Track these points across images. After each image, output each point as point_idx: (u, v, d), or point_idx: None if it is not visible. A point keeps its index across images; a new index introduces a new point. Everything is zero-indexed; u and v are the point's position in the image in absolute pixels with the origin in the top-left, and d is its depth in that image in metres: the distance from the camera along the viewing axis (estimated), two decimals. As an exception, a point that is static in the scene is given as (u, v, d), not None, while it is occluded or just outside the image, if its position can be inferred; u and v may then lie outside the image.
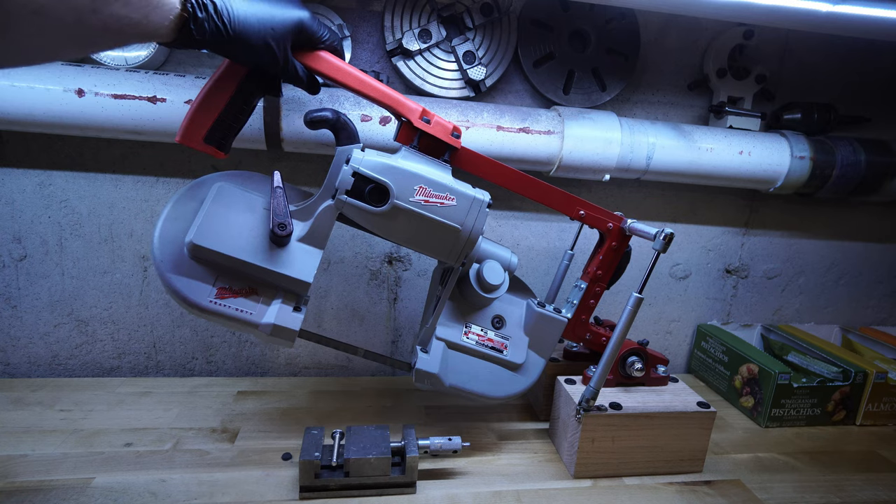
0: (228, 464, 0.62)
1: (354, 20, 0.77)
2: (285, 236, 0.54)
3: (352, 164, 0.54)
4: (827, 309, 1.05)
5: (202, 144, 0.54)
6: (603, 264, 0.68)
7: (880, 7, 0.63)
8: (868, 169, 0.85)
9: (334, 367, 0.91)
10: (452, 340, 0.63)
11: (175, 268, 0.53)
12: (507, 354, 0.65)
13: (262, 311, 0.55)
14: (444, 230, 0.57)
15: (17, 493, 0.55)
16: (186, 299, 0.53)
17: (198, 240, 0.52)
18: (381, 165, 0.55)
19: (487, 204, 0.58)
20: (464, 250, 0.59)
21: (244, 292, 0.55)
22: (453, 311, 0.64)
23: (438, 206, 0.56)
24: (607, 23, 0.81)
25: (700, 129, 0.83)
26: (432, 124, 0.57)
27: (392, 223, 0.57)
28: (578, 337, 0.71)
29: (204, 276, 0.54)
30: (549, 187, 0.65)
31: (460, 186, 0.57)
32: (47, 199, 0.77)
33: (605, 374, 0.60)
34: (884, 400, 0.82)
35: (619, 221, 0.67)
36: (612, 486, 0.63)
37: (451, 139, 0.59)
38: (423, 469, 0.63)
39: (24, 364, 0.82)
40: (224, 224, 0.54)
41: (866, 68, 0.93)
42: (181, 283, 0.53)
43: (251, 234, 0.55)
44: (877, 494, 0.66)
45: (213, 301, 0.53)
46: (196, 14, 0.43)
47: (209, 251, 0.53)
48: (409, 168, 0.56)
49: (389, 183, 0.55)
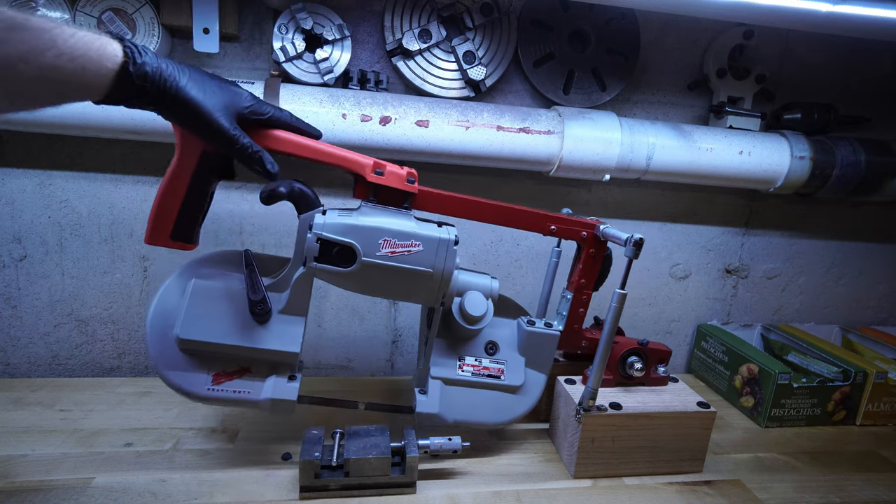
0: (228, 464, 0.62)
1: (354, 20, 0.77)
2: (265, 313, 0.56)
3: (314, 230, 0.55)
4: (827, 309, 1.05)
5: (171, 242, 0.55)
6: (584, 273, 0.68)
7: (880, 7, 0.63)
8: (868, 169, 0.85)
9: (334, 368, 0.91)
10: (448, 377, 0.64)
11: (169, 364, 0.56)
12: (505, 379, 0.65)
13: (258, 388, 0.57)
14: (416, 276, 0.58)
15: (17, 493, 0.55)
16: (185, 391, 0.56)
17: (184, 334, 0.55)
18: (343, 227, 0.55)
19: (454, 242, 0.58)
20: (440, 291, 0.60)
21: (238, 373, 0.57)
22: (444, 347, 0.65)
23: (406, 255, 0.57)
24: (607, 23, 0.81)
25: (700, 129, 0.83)
26: (386, 175, 0.57)
27: (365, 279, 0.57)
28: (574, 346, 0.71)
29: (198, 366, 0.56)
30: (515, 210, 0.65)
31: (424, 231, 0.58)
32: (47, 199, 0.77)
33: (601, 374, 0.60)
34: (884, 400, 0.82)
35: (592, 229, 0.66)
36: (612, 486, 0.63)
37: (407, 185, 0.59)
38: (423, 469, 0.62)
39: (24, 364, 0.82)
40: (205, 314, 0.56)
41: (866, 68, 0.93)
42: (178, 378, 0.56)
43: (233, 317, 0.57)
44: (877, 494, 0.66)
45: (211, 388, 0.56)
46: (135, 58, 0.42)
47: (196, 342, 0.55)
48: (371, 224, 0.56)
49: (354, 242, 0.55)
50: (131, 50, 0.42)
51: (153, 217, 0.54)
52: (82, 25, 0.68)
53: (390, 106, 0.73)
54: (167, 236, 0.54)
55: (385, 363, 0.92)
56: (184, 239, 0.55)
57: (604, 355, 0.59)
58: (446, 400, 0.63)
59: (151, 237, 0.54)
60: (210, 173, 0.54)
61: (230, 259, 0.60)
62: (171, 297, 0.57)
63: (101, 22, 0.68)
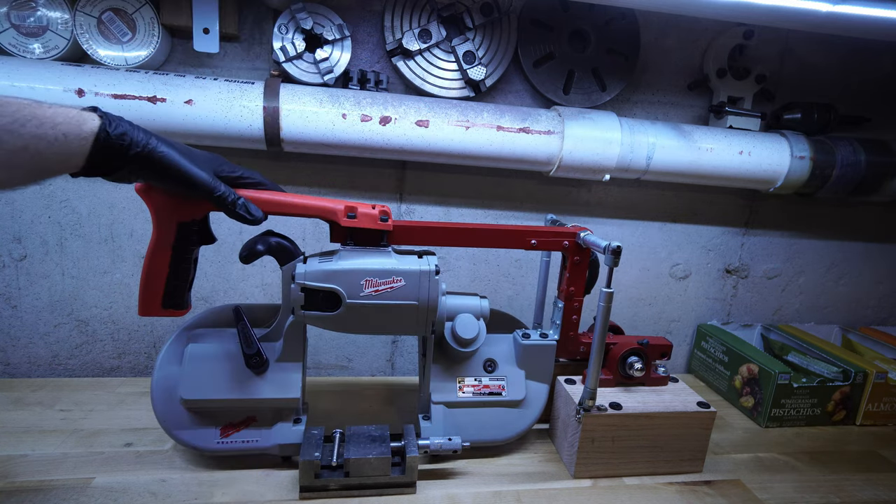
0: (228, 464, 0.62)
1: (354, 20, 0.77)
2: (261, 365, 0.58)
3: (297, 280, 0.57)
4: (827, 309, 1.05)
5: (163, 311, 0.57)
6: (572, 280, 0.68)
7: (880, 7, 0.63)
8: (868, 169, 0.85)
9: (334, 368, 0.91)
10: (450, 400, 0.65)
11: (178, 424, 0.59)
12: (507, 394, 0.66)
13: (266, 436, 0.60)
14: (402, 310, 0.59)
15: (17, 493, 0.55)
16: (197, 448, 0.59)
17: (186, 395, 0.58)
18: (323, 273, 0.57)
19: (435, 272, 0.59)
20: (428, 320, 0.61)
21: (245, 423, 0.60)
22: (442, 371, 0.66)
23: (389, 292, 0.58)
24: (607, 23, 0.81)
25: (700, 129, 0.83)
26: (358, 217, 0.58)
27: (353, 320, 0.59)
28: (572, 352, 0.71)
29: (205, 423, 0.59)
30: (492, 230, 0.65)
31: (404, 265, 0.59)
32: (47, 199, 0.77)
33: (597, 374, 0.60)
34: (884, 400, 0.82)
35: (573, 237, 0.66)
36: (612, 486, 0.63)
37: (381, 224, 0.59)
38: (423, 469, 0.63)
39: (25, 364, 0.82)
40: (205, 373, 0.58)
41: (866, 68, 0.93)
42: (188, 436, 0.59)
43: (231, 373, 0.59)
44: (877, 494, 0.66)
45: (221, 441, 0.59)
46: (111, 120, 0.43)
47: (200, 401, 0.58)
48: (350, 267, 0.57)
49: (337, 287, 0.57)
50: (106, 115, 0.43)
51: (142, 291, 0.55)
52: (82, 25, 0.68)
53: (390, 106, 0.73)
54: (158, 307, 0.56)
55: (385, 363, 0.92)
56: (174, 306, 0.57)
57: (597, 355, 0.59)
58: (451, 423, 0.64)
59: (144, 310, 0.56)
60: (189, 241, 0.55)
61: (221, 316, 0.63)
62: (170, 363, 0.59)
63: (101, 22, 0.68)
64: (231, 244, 0.82)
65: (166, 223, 0.53)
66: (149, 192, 0.52)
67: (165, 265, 0.55)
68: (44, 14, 0.67)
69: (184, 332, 0.61)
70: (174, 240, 0.54)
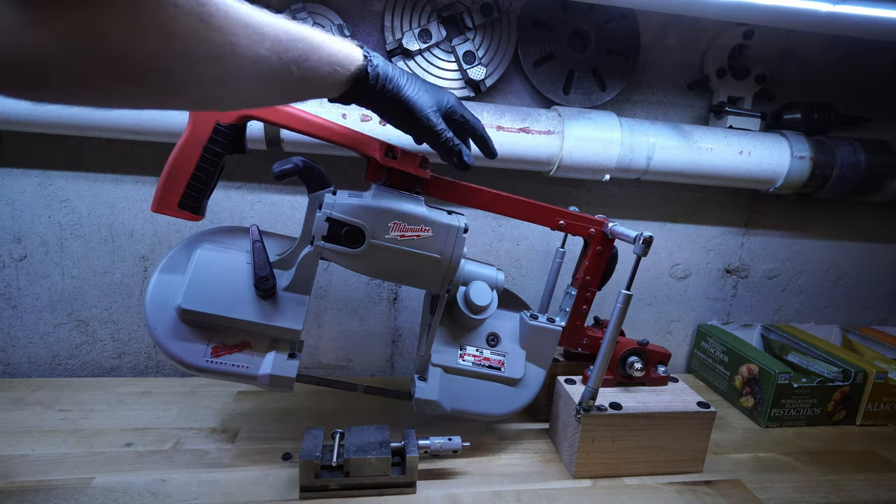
0: (228, 464, 0.62)
1: (354, 20, 0.77)
2: (269, 289, 0.56)
3: (324, 209, 0.55)
4: (827, 309, 1.05)
5: (178, 211, 0.55)
6: (590, 269, 0.68)
7: (880, 7, 0.63)
8: (868, 169, 0.85)
9: (334, 367, 0.91)
10: (449, 365, 0.64)
11: (169, 334, 0.55)
12: (506, 371, 0.65)
13: (257, 363, 0.57)
14: (424, 262, 0.58)
15: (17, 493, 0.55)
16: (183, 362, 0.55)
17: (186, 304, 0.54)
18: (352, 207, 0.56)
19: (464, 229, 0.58)
20: (446, 278, 0.59)
21: (238, 347, 0.57)
22: (446, 335, 0.65)
23: (415, 239, 0.57)
24: (607, 23, 0.81)
25: (700, 129, 0.83)
26: (398, 159, 0.58)
27: (372, 261, 0.57)
28: (575, 343, 0.71)
29: (197, 338, 0.56)
30: (525, 202, 0.65)
31: (435, 216, 0.58)
32: (47, 199, 0.77)
33: (602, 374, 0.60)
34: (884, 400, 0.82)
35: (600, 226, 0.66)
36: (612, 486, 0.63)
37: (420, 171, 0.59)
38: (423, 469, 0.62)
39: (25, 364, 0.82)
40: (209, 285, 0.56)
41: (866, 68, 0.93)
42: (177, 348, 0.55)
43: (236, 291, 0.56)
44: (877, 494, 0.66)
45: (210, 360, 0.56)
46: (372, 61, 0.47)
47: (198, 313, 0.55)
48: (381, 206, 0.56)
49: (363, 224, 0.56)
50: (368, 54, 0.47)
51: (162, 185, 0.53)
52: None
53: (390, 106, 0.73)
54: (175, 205, 0.54)
55: (385, 363, 0.92)
56: (191, 209, 0.55)
57: (606, 355, 0.59)
58: (446, 388, 0.63)
59: (159, 205, 0.54)
60: (222, 145, 0.54)
61: (237, 233, 0.60)
62: (175, 267, 0.56)
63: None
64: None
65: (204, 120, 0.52)
66: None
67: (193, 164, 0.53)
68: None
69: (194, 239, 0.58)
70: (208, 139, 0.53)
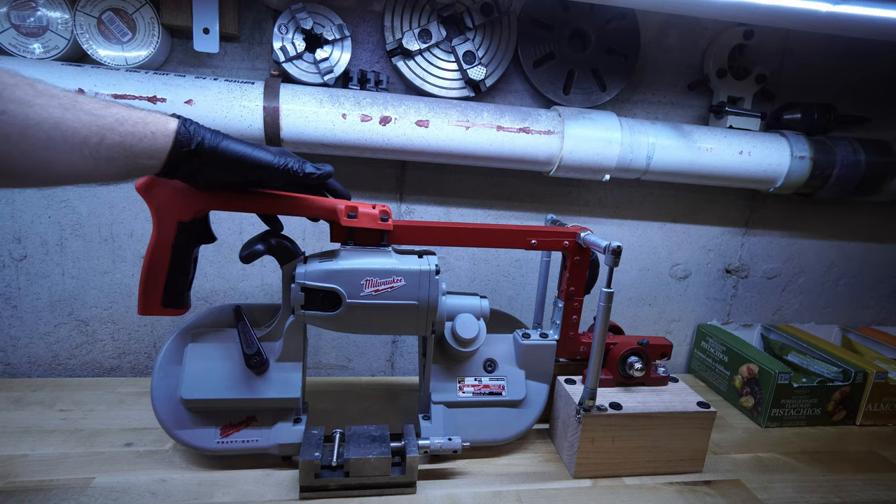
0: (228, 464, 0.62)
1: (354, 20, 0.77)
2: (260, 364, 0.58)
3: (297, 280, 0.57)
4: (827, 309, 1.05)
5: (163, 310, 0.56)
6: (572, 280, 0.68)
7: (880, 7, 0.63)
8: (868, 169, 0.85)
9: (335, 367, 0.91)
10: (450, 400, 0.65)
11: (178, 424, 0.59)
12: (507, 394, 0.66)
13: (266, 435, 0.60)
14: (402, 311, 0.59)
15: (17, 493, 0.55)
16: (197, 448, 0.59)
17: (187, 394, 0.57)
18: (324, 273, 0.57)
19: (435, 272, 0.59)
20: (428, 320, 0.61)
21: (245, 423, 0.60)
22: (442, 371, 0.66)
23: (389, 291, 0.58)
24: (607, 23, 0.81)
25: (700, 129, 0.83)
26: (359, 217, 0.58)
27: (353, 320, 0.59)
28: (571, 352, 0.71)
29: (206, 423, 0.59)
30: (492, 230, 0.64)
31: (404, 265, 0.58)
32: (47, 199, 0.77)
33: (597, 374, 0.60)
34: (884, 400, 0.82)
35: (573, 237, 0.66)
36: (612, 486, 0.63)
37: (381, 224, 0.59)
38: (423, 469, 0.63)
39: (25, 364, 0.82)
40: (205, 373, 0.58)
41: (866, 68, 0.93)
42: (188, 436, 0.59)
43: (231, 373, 0.59)
44: (877, 494, 0.66)
45: (220, 441, 0.59)
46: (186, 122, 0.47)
47: (200, 401, 0.58)
48: (351, 266, 0.57)
49: (337, 287, 0.57)
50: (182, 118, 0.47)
51: (142, 289, 0.55)
52: (82, 25, 0.68)
53: (390, 106, 0.73)
54: (158, 305, 0.56)
55: (385, 363, 0.92)
56: (174, 305, 0.57)
57: (598, 354, 0.59)
58: (451, 423, 0.64)
59: (144, 308, 0.56)
60: (189, 240, 0.55)
61: (222, 316, 0.62)
62: (170, 362, 0.60)
63: (102, 22, 0.68)
64: (231, 244, 0.82)
65: (166, 221, 0.53)
66: (149, 190, 0.52)
67: (165, 264, 0.55)
68: (44, 14, 0.67)
69: (184, 332, 0.61)
70: (174, 238, 0.54)
